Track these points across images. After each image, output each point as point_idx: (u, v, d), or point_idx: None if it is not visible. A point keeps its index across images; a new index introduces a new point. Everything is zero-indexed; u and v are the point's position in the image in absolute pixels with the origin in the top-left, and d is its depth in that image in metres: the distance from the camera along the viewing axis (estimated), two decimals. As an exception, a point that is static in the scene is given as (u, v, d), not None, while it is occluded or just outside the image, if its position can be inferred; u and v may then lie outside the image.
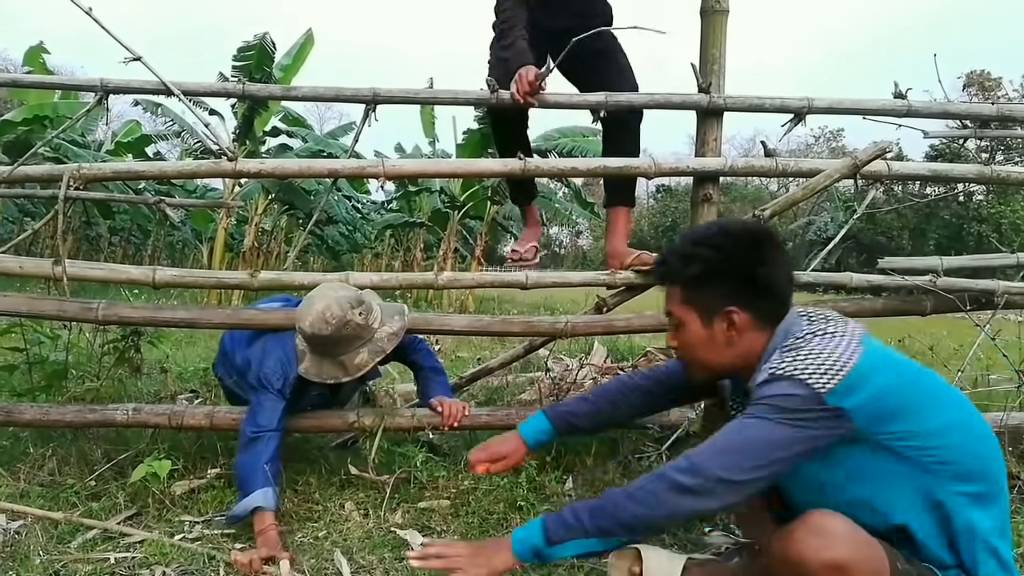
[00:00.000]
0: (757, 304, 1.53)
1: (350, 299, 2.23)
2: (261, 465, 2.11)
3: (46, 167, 2.72)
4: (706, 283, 1.55)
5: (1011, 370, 3.03)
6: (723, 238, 1.57)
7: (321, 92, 2.73)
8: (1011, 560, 1.36)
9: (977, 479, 1.36)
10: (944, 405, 1.42)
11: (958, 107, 2.95)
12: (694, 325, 1.58)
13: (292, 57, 11.26)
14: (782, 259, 1.58)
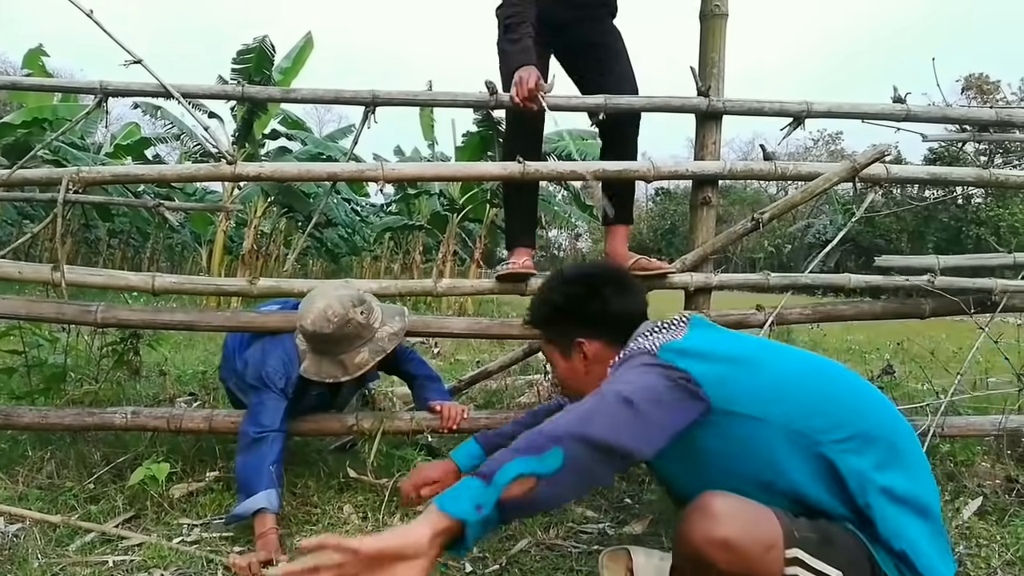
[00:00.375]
0: (601, 332, 1.70)
1: (351, 298, 2.23)
2: (266, 466, 2.09)
3: (45, 170, 2.72)
4: (556, 324, 1.77)
5: (1011, 373, 3.03)
6: (563, 284, 1.78)
7: (320, 94, 2.74)
8: (908, 492, 1.35)
9: (843, 424, 1.39)
10: (780, 361, 1.50)
11: (957, 111, 2.96)
12: (559, 360, 1.78)
13: (291, 60, 11.26)
14: (617, 290, 1.72)
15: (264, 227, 13.86)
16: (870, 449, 1.37)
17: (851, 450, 1.36)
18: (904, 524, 1.33)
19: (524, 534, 2.16)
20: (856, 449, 1.36)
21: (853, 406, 1.44)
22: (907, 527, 1.33)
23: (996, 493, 2.52)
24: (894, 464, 1.37)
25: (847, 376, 1.53)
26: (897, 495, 1.34)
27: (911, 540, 1.32)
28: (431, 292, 2.68)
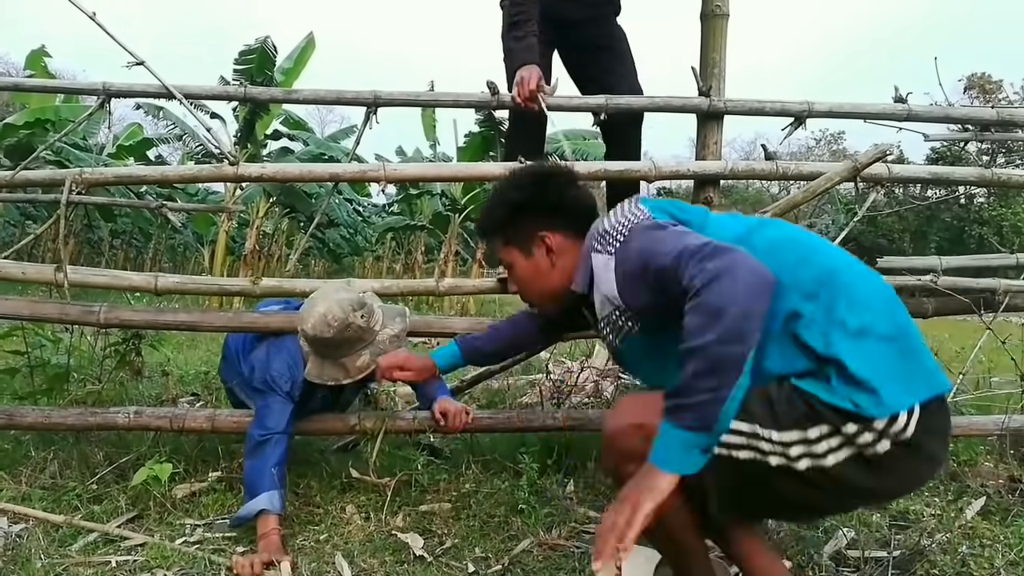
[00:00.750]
0: (561, 222, 1.74)
1: (351, 301, 2.23)
2: (268, 468, 2.10)
3: (48, 171, 2.73)
4: (513, 222, 1.78)
5: (1014, 373, 3.03)
6: (515, 185, 1.82)
7: (322, 95, 2.74)
8: (865, 324, 1.31)
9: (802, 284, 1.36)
10: (733, 223, 1.55)
11: (959, 111, 2.95)
12: (519, 261, 1.79)
13: (293, 60, 11.27)
14: (568, 182, 1.81)
15: (266, 227, 13.87)
16: (820, 292, 1.35)
17: (802, 299, 1.34)
18: (864, 351, 1.29)
19: (527, 534, 2.16)
20: (808, 298, 1.34)
21: (801, 257, 1.41)
22: (866, 354, 1.29)
23: (999, 493, 2.51)
24: (844, 302, 1.34)
25: (791, 234, 1.51)
26: (850, 328, 1.31)
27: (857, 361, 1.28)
28: (433, 292, 2.68)
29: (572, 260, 1.72)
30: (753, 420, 1.31)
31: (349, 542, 2.11)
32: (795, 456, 1.30)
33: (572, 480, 2.58)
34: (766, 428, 1.31)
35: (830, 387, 1.28)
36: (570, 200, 1.76)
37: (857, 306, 1.34)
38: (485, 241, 1.89)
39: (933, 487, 2.56)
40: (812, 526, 2.21)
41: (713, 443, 1.29)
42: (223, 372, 2.73)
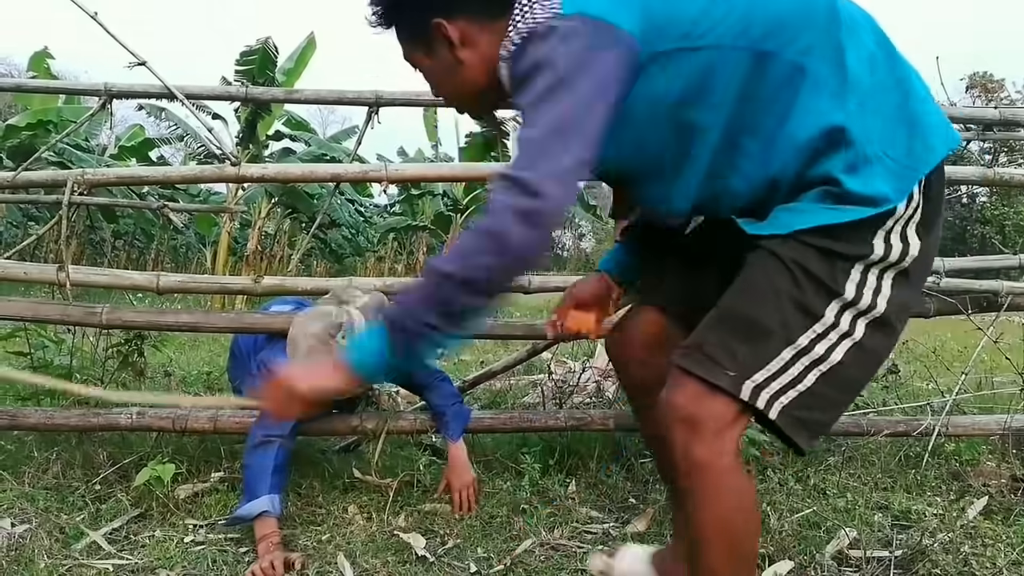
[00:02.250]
0: (459, 5, 1.28)
1: (327, 329, 2.15)
2: (269, 470, 2.09)
3: (50, 172, 2.74)
4: (402, 13, 1.33)
5: (1015, 373, 3.02)
6: None
7: (324, 95, 2.74)
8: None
9: (783, 29, 1.19)
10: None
11: (961, 110, 2.95)
12: (424, 61, 1.35)
13: (294, 61, 11.29)
14: None
15: (268, 228, 13.90)
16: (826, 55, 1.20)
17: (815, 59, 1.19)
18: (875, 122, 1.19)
19: (528, 534, 2.16)
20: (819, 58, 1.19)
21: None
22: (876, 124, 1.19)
23: (1002, 493, 2.51)
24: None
25: None
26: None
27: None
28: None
29: (490, 49, 1.27)
30: (791, 339, 1.19)
31: (351, 542, 2.11)
32: (847, 327, 1.20)
33: (574, 480, 2.58)
34: (804, 332, 1.19)
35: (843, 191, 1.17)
36: None
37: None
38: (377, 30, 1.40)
39: (935, 487, 2.56)
40: (812, 526, 2.21)
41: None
42: (231, 371, 2.73)
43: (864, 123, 1.19)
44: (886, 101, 1.21)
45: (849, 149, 1.18)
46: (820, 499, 2.42)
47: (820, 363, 1.20)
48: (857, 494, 2.46)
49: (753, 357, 1.20)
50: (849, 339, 1.20)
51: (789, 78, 1.20)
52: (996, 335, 2.80)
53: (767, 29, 1.19)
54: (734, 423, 1.20)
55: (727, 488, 1.20)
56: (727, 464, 1.19)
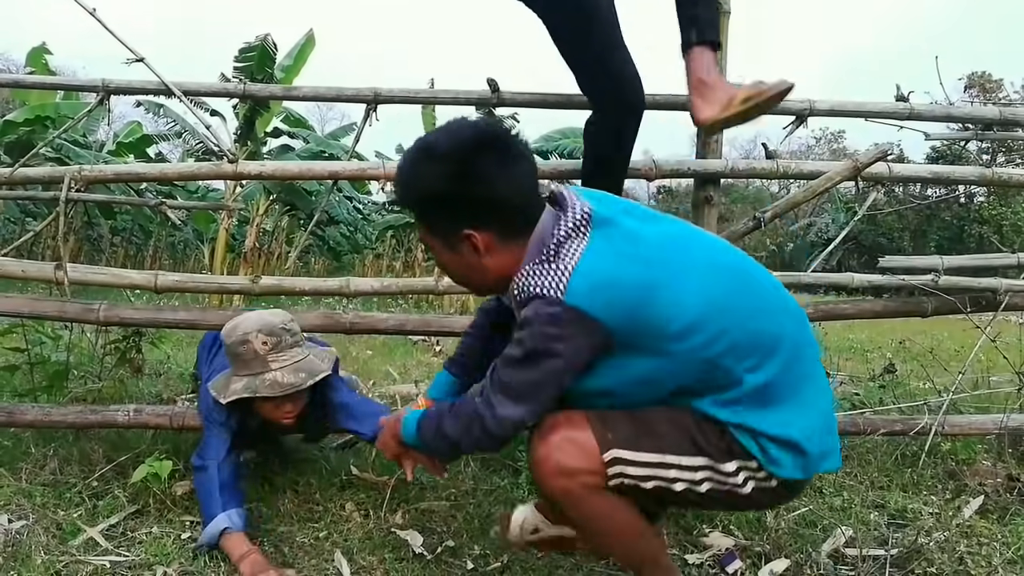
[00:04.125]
0: (491, 222, 1.44)
1: (269, 324, 2.05)
2: (215, 490, 2.00)
3: (47, 168, 2.73)
4: (431, 210, 1.48)
5: (1012, 372, 3.03)
6: (431, 162, 1.43)
7: (322, 92, 2.74)
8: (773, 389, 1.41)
9: (752, 351, 1.40)
10: (691, 276, 1.39)
11: (960, 110, 2.95)
12: (443, 251, 1.51)
13: (293, 58, 11.28)
14: (501, 162, 1.42)
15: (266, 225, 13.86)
16: (756, 360, 1.40)
17: (744, 367, 1.39)
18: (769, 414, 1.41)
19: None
20: (749, 367, 1.39)
21: (759, 328, 1.42)
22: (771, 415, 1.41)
23: (997, 492, 2.52)
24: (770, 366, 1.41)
25: (753, 287, 1.48)
26: (763, 389, 1.40)
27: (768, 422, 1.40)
28: (432, 290, 2.68)
29: (506, 261, 1.46)
30: (664, 450, 1.42)
31: (348, 540, 2.11)
32: (699, 480, 1.43)
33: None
34: (677, 456, 1.42)
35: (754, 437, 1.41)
36: (502, 192, 1.42)
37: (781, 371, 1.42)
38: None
39: (931, 486, 2.57)
40: (809, 524, 2.22)
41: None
42: (198, 365, 2.70)
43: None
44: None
45: None
46: (816, 497, 2.42)
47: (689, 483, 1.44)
48: (853, 493, 2.46)
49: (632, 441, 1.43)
50: (727, 480, 1.44)
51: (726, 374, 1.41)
52: (993, 334, 2.80)
53: (739, 351, 1.39)
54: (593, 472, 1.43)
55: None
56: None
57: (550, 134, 11.86)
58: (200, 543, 1.97)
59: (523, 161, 1.46)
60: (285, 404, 2.05)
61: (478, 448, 1.51)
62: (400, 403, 3.19)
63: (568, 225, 1.40)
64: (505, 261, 1.46)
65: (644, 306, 1.34)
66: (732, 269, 1.47)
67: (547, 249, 1.39)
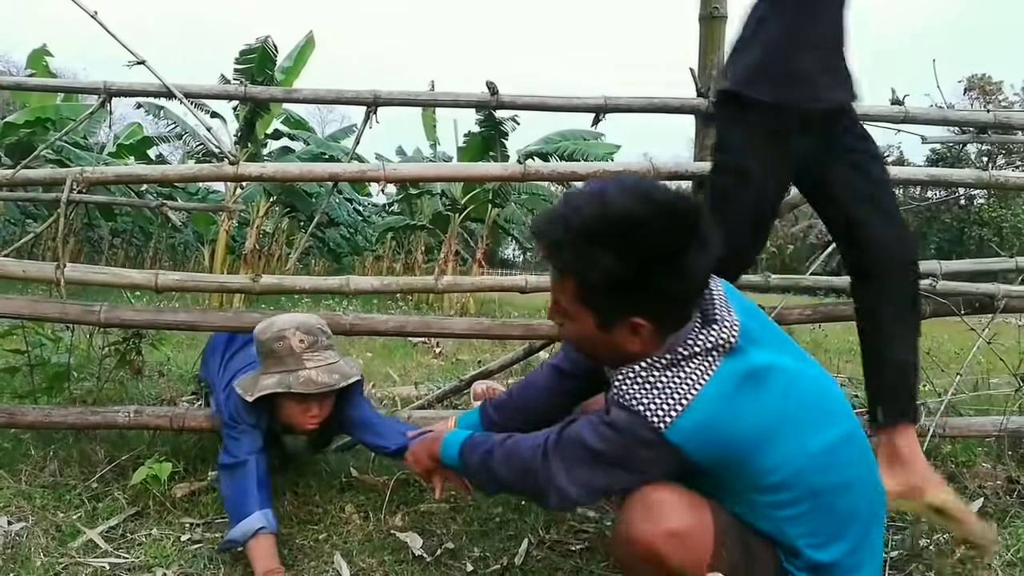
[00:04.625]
0: (668, 316, 1.32)
1: (306, 323, 2.05)
2: (253, 487, 1.93)
3: (48, 170, 2.74)
4: (608, 292, 1.28)
5: (1010, 374, 3.03)
6: (630, 239, 1.23)
7: (322, 94, 2.75)
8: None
9: (823, 528, 1.31)
10: (795, 441, 1.28)
11: (955, 113, 2.97)
12: (587, 326, 1.36)
13: (293, 60, 11.29)
14: (702, 257, 1.27)
15: (266, 227, 13.89)
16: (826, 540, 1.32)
17: (810, 542, 1.31)
18: None
19: (525, 533, 2.17)
20: (815, 543, 1.31)
21: (840, 506, 1.32)
22: None
23: (997, 494, 2.52)
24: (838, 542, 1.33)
25: (851, 458, 1.36)
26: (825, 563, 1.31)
27: None
28: (432, 289, 2.69)
29: (646, 349, 1.33)
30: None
31: (348, 541, 2.11)
32: None
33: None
34: None
35: None
36: (696, 290, 1.31)
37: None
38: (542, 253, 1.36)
39: (930, 488, 2.57)
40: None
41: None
42: (203, 369, 2.67)
43: None
44: None
45: None
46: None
47: None
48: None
49: None
50: None
51: None
52: (992, 336, 2.81)
53: (812, 523, 1.31)
54: None
55: None
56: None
57: (550, 136, 11.86)
58: (229, 539, 1.88)
59: (712, 248, 1.29)
60: (312, 407, 2.03)
61: (525, 497, 1.50)
62: (400, 405, 3.19)
63: (706, 342, 1.28)
64: (645, 349, 1.34)
65: (746, 459, 1.26)
66: (840, 435, 1.35)
67: (674, 356, 1.29)
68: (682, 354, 1.28)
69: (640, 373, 1.30)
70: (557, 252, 1.31)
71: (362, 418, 2.17)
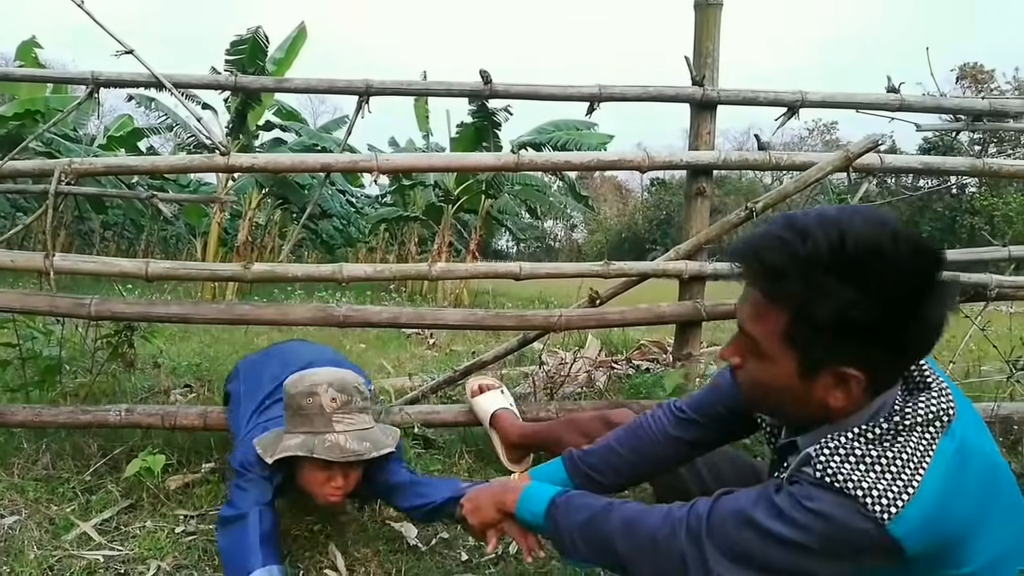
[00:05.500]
0: (887, 369, 1.09)
1: (341, 379, 1.83)
2: (254, 542, 1.68)
3: (37, 162, 2.72)
4: (835, 332, 1.04)
5: (1002, 361, 3.05)
6: (876, 274, 1.01)
7: (314, 84, 2.73)
8: None
9: None
10: (995, 525, 1.10)
11: (950, 101, 2.97)
12: (784, 371, 1.11)
13: (284, 51, 11.22)
14: (944, 305, 1.06)
15: (259, 219, 13.83)
16: None
17: None
18: None
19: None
20: None
21: None
22: None
23: (988, 481, 2.53)
24: None
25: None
26: None
27: None
28: (426, 276, 2.68)
29: (844, 408, 1.11)
30: None
31: (343, 532, 2.11)
32: None
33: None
34: None
35: None
36: (930, 343, 1.08)
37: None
38: (739, 274, 1.14)
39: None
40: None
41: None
42: (229, 416, 2.35)
43: None
44: None
45: None
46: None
47: None
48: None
49: None
50: None
51: None
52: (984, 324, 2.82)
53: None
54: None
55: None
56: None
57: (543, 126, 11.83)
58: None
59: (950, 298, 1.08)
60: (336, 477, 1.79)
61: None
62: (394, 397, 3.18)
63: (926, 412, 1.08)
64: (847, 406, 1.11)
65: (952, 551, 1.08)
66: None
67: (889, 425, 1.08)
68: (900, 424, 1.07)
69: (849, 445, 1.08)
70: (777, 280, 1.07)
71: (400, 483, 1.93)
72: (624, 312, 2.72)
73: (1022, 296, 2.81)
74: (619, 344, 4.70)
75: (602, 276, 2.74)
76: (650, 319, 2.78)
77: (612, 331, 4.81)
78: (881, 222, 1.05)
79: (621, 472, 1.59)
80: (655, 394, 2.76)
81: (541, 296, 9.54)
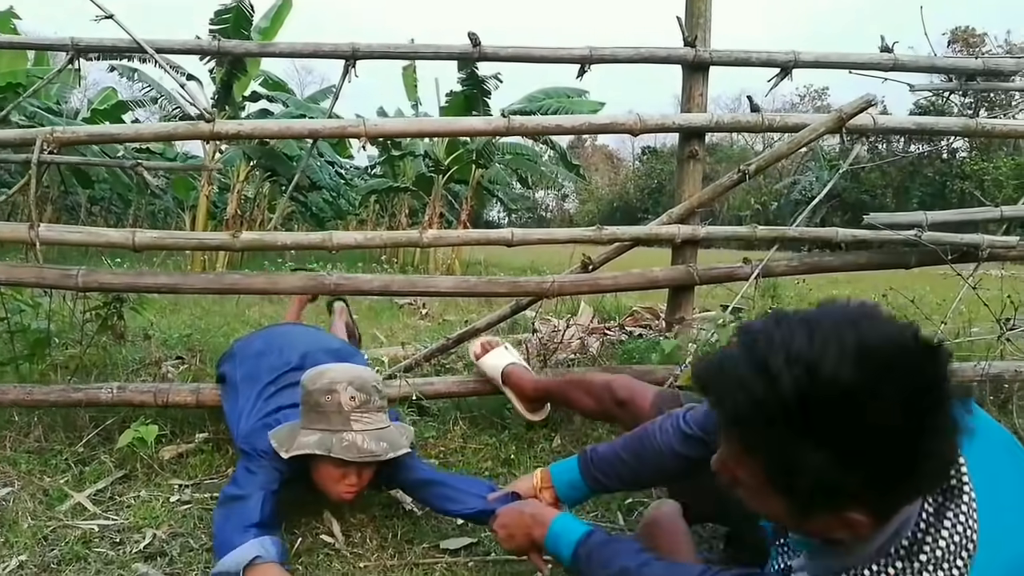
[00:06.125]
0: (890, 508, 0.96)
1: (361, 378, 1.82)
2: (251, 525, 1.65)
3: (18, 131, 2.66)
4: (815, 493, 0.92)
5: (992, 320, 3.06)
6: (849, 427, 0.86)
7: (299, 48, 2.68)
8: None
9: None
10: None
11: (944, 61, 2.94)
12: (777, 509, 1.00)
13: (270, 20, 11.02)
14: (949, 436, 0.91)
15: (247, 191, 13.71)
16: None
17: None
18: None
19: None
20: None
21: None
22: None
23: (978, 439, 2.56)
24: None
25: None
26: None
27: None
28: (417, 243, 2.66)
29: (847, 535, 0.97)
30: None
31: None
32: None
33: (558, 435, 2.60)
34: None
35: None
36: (941, 476, 0.97)
37: None
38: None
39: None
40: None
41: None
42: (225, 402, 2.32)
43: None
44: None
45: None
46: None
47: None
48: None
49: None
50: None
51: None
52: (976, 282, 2.83)
53: None
54: None
55: None
56: None
57: (533, 94, 11.70)
58: (217, 573, 1.59)
59: (959, 420, 0.92)
60: (351, 475, 1.78)
61: None
62: (388, 365, 3.17)
63: (948, 543, 0.96)
64: (852, 539, 0.99)
65: None
66: None
67: (912, 559, 0.97)
68: (924, 555, 0.96)
69: (878, 570, 0.98)
70: (744, 429, 0.96)
71: (423, 479, 1.91)
72: (617, 277, 2.71)
73: (1013, 256, 2.82)
74: (612, 311, 4.71)
75: (595, 242, 2.72)
76: (643, 284, 2.77)
77: (605, 298, 4.81)
78: (868, 353, 0.87)
79: (625, 480, 1.65)
80: (648, 359, 2.77)
81: (533, 266, 9.54)
